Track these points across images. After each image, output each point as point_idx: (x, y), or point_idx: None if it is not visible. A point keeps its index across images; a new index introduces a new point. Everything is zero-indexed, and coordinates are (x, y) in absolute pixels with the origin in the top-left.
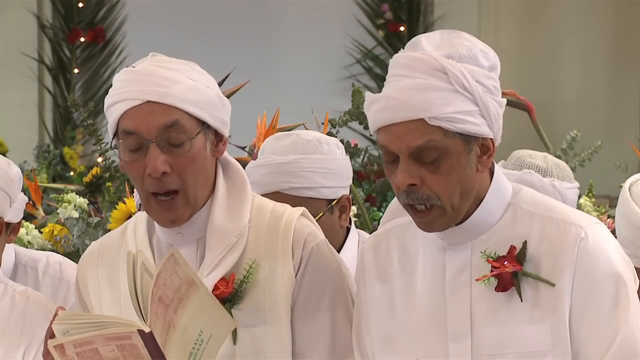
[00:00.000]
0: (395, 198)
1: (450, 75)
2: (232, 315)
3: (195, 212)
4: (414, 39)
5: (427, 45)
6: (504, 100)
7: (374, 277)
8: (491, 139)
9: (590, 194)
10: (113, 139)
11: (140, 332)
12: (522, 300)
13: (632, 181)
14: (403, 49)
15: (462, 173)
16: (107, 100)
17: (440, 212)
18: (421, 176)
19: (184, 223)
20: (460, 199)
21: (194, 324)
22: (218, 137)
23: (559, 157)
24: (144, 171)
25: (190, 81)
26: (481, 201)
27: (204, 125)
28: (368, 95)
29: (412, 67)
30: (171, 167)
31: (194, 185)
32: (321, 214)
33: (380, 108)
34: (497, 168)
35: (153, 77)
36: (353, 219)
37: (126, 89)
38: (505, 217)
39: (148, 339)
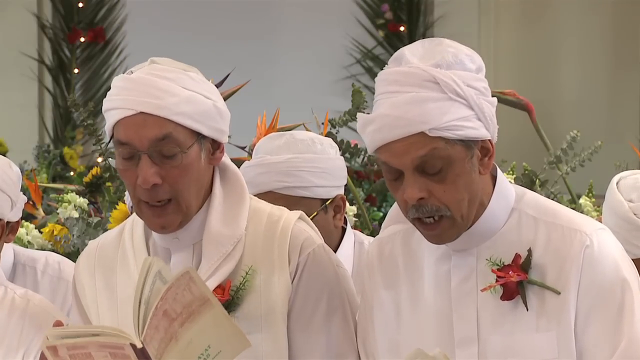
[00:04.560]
0: (395, 205)
1: (442, 84)
2: None
3: (187, 219)
4: (396, 53)
5: (411, 57)
6: (495, 99)
7: (380, 283)
8: (489, 140)
9: (590, 194)
10: (109, 141)
11: (133, 345)
12: (527, 310)
13: (621, 176)
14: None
15: (468, 179)
16: (105, 104)
17: (450, 223)
18: (428, 188)
19: (174, 229)
20: (468, 206)
21: (202, 338)
22: (215, 144)
23: (558, 157)
24: (136, 180)
25: (186, 91)
26: (485, 207)
27: (198, 135)
28: (360, 117)
29: (402, 82)
30: (163, 178)
31: (187, 195)
32: (315, 214)
33: (376, 128)
34: (500, 172)
35: (148, 87)
36: (353, 219)
37: (121, 97)
38: (510, 222)
39: (140, 353)
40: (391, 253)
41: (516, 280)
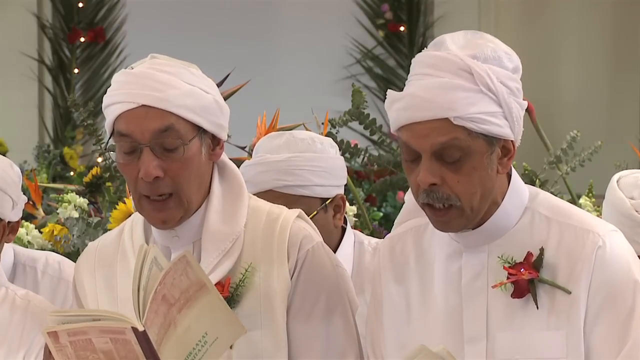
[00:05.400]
0: (411, 198)
1: (475, 76)
2: None
3: (188, 215)
4: (438, 38)
5: (451, 44)
6: (526, 103)
7: (391, 280)
8: (512, 141)
9: (590, 194)
10: (110, 138)
11: (134, 329)
12: (537, 308)
13: (620, 175)
14: (404, 49)
15: (483, 174)
16: (105, 100)
17: (459, 213)
18: (442, 176)
19: (175, 225)
20: (479, 200)
21: (199, 325)
22: (215, 141)
23: (558, 157)
24: (137, 174)
25: (187, 85)
26: (499, 205)
27: (199, 130)
28: (390, 93)
29: (437, 66)
30: (164, 172)
31: (187, 189)
32: (315, 213)
33: (403, 106)
34: (514, 171)
35: (149, 80)
36: (353, 219)
37: (123, 91)
38: (522, 221)
39: (141, 337)
40: (402, 251)
41: (527, 278)
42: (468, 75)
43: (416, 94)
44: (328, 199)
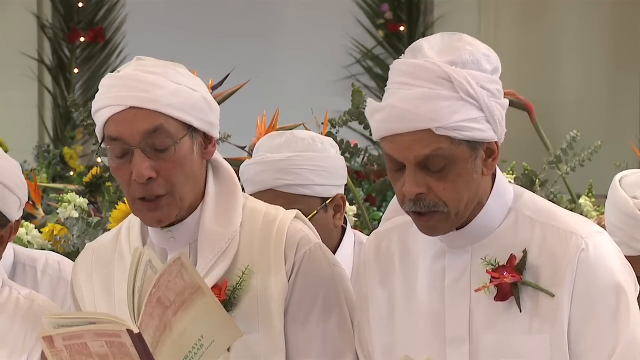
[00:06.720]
0: (395, 197)
1: (455, 84)
2: None
3: (182, 213)
4: (414, 44)
5: (429, 51)
6: (507, 102)
7: (376, 279)
8: (496, 142)
9: (590, 194)
10: (101, 144)
11: (130, 332)
12: (521, 311)
13: (623, 175)
14: (404, 49)
15: (469, 179)
16: (94, 105)
17: (444, 218)
18: (428, 184)
19: (172, 224)
20: (465, 205)
21: (195, 328)
22: (207, 139)
23: (558, 157)
24: (130, 176)
25: (174, 85)
26: (483, 205)
27: (190, 128)
28: (370, 103)
29: (416, 76)
30: (157, 172)
31: (181, 189)
32: (315, 213)
33: (384, 118)
34: (499, 172)
35: (136, 82)
36: (353, 219)
37: (110, 95)
38: (507, 222)
39: (137, 339)
40: (388, 248)
41: (510, 282)
42: (447, 83)
43: (396, 105)
44: (328, 198)
